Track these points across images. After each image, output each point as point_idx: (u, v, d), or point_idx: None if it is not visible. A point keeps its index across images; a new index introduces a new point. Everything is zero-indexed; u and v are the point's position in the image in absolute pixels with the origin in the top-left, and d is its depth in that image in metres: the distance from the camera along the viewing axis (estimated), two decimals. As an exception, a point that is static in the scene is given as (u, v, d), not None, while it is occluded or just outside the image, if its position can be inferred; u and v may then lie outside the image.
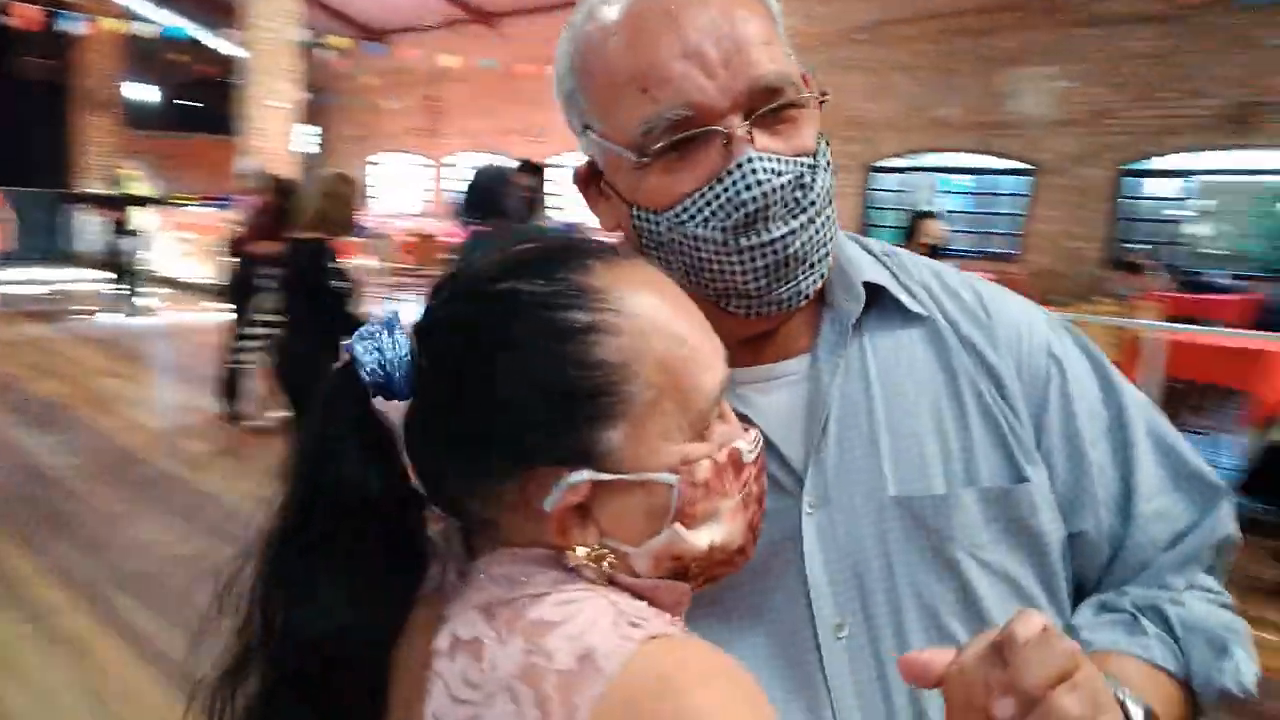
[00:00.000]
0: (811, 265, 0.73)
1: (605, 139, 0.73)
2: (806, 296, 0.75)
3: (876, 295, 0.79)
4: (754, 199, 0.68)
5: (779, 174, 0.69)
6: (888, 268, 0.82)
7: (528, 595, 0.56)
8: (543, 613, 0.54)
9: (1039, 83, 11.16)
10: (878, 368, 0.78)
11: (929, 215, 5.17)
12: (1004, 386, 0.77)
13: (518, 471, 0.57)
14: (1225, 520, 0.79)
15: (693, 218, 0.70)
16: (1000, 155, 11.74)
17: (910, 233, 4.98)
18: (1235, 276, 9.94)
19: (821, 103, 0.74)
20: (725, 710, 0.50)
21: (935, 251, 4.77)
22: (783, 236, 0.70)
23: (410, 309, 0.63)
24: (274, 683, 0.61)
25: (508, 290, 0.59)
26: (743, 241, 0.70)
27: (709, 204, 0.69)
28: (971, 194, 12.49)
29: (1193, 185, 10.68)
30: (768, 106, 0.70)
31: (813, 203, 0.71)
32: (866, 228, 13.06)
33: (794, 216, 0.70)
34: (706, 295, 0.72)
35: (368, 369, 0.59)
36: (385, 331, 0.60)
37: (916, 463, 0.75)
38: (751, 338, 0.77)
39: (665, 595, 0.59)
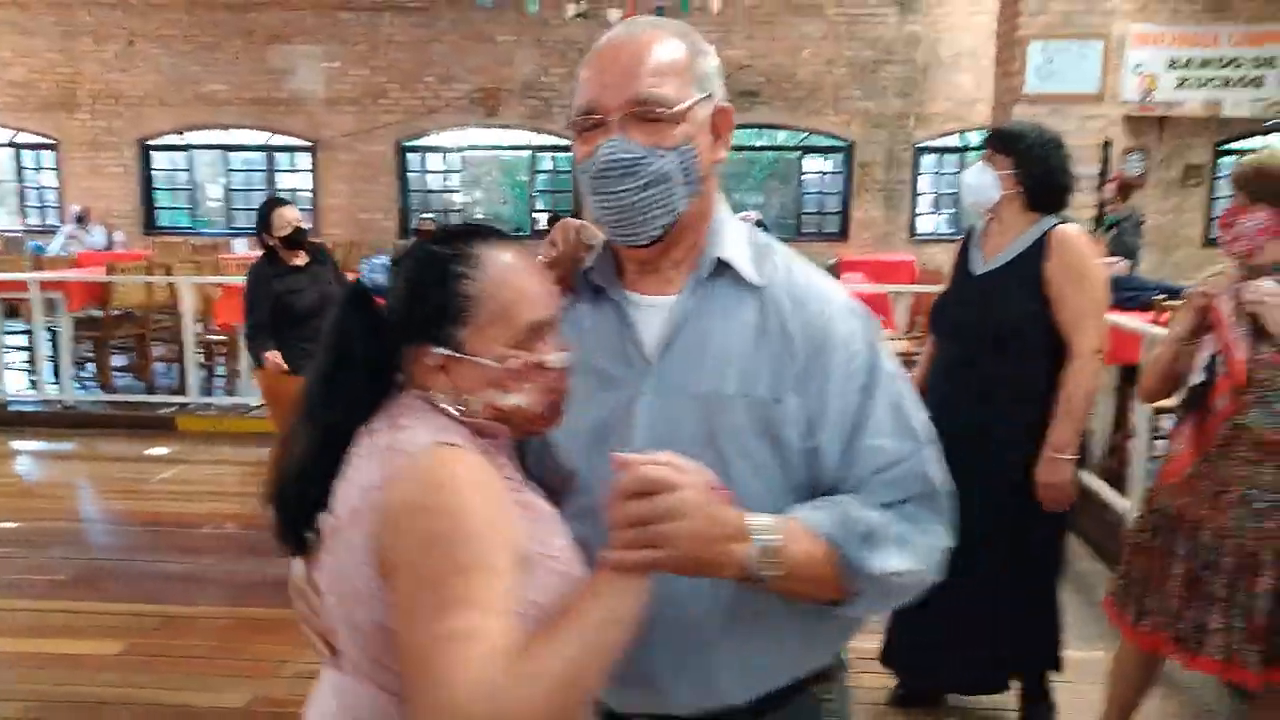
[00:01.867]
0: (650, 218, 1.09)
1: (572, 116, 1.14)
2: (653, 238, 1.11)
3: (730, 266, 1.14)
4: (605, 164, 1.07)
5: (628, 153, 1.07)
6: (750, 251, 1.17)
7: (404, 414, 1.01)
8: (405, 422, 0.99)
9: (310, 61, 11.49)
10: (717, 313, 1.13)
11: (284, 203, 5.01)
12: (792, 342, 1.11)
13: (417, 343, 1.02)
14: (925, 461, 1.12)
15: (585, 171, 1.10)
16: (281, 132, 11.87)
17: (267, 222, 4.78)
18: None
19: (691, 110, 1.10)
20: (469, 482, 0.92)
21: (301, 236, 4.69)
22: (619, 192, 1.08)
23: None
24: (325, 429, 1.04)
25: (431, 250, 1.04)
26: (599, 187, 1.09)
27: (592, 164, 1.09)
28: (260, 171, 12.37)
29: (455, 159, 12.24)
30: (636, 110, 1.07)
31: (651, 176, 1.07)
32: (152, 209, 12.09)
33: (632, 180, 1.07)
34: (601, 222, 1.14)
35: (372, 283, 1.06)
36: (386, 263, 1.07)
37: (719, 376, 1.10)
38: (647, 270, 1.16)
39: (490, 430, 1.03)
